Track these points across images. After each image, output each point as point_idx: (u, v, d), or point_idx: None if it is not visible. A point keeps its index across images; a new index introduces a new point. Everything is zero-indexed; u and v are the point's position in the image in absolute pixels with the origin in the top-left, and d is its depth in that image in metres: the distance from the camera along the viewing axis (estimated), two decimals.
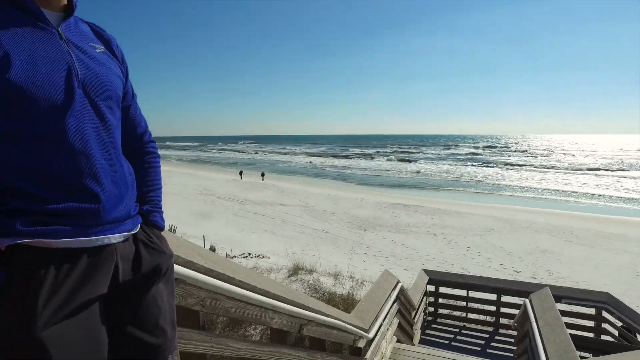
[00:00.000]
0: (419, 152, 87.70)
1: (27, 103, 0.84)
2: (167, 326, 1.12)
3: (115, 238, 1.00)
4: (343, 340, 3.27)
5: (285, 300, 2.21)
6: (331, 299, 6.58)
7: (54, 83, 0.88)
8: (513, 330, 7.42)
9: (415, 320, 6.90)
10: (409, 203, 25.61)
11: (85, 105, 0.95)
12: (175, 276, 1.44)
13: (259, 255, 11.50)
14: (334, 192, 30.32)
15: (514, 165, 63.68)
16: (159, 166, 1.32)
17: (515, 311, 7.51)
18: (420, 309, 7.65)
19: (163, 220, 1.25)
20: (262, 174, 38.40)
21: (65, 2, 0.99)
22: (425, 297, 8.25)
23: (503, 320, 8.13)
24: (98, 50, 1.05)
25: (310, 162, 60.47)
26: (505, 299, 7.98)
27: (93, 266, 0.94)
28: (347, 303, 6.41)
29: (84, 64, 0.97)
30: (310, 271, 8.83)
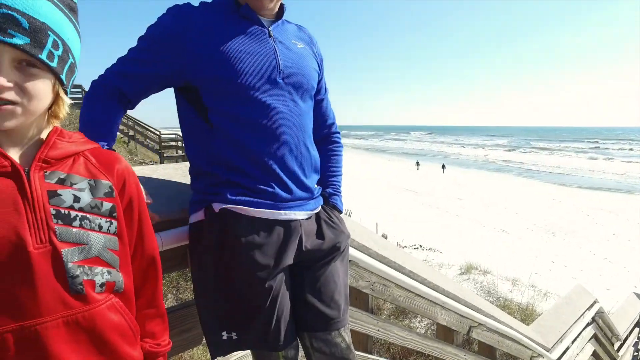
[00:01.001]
0: (619, 149, 67.60)
1: (245, 90, 1.06)
2: (341, 301, 1.22)
3: (300, 215, 1.15)
4: (518, 353, 2.93)
5: (455, 297, 2.12)
6: (506, 305, 5.96)
7: (262, 72, 1.09)
8: None
9: (620, 354, 5.62)
10: (615, 209, 20.74)
11: (283, 92, 1.12)
12: (349, 258, 1.56)
13: (430, 249, 11.25)
14: (516, 189, 27.01)
15: None
16: (341, 154, 1.46)
17: None
18: (628, 342, 6.19)
19: (342, 204, 1.37)
20: (443, 167, 36.08)
21: (276, 10, 1.19)
22: (637, 329, 6.61)
23: None
24: (299, 46, 1.22)
25: (486, 156, 54.60)
26: None
27: (284, 237, 1.11)
28: (525, 314, 5.70)
29: (286, 58, 1.15)
30: (485, 272, 8.17)
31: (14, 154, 0.67)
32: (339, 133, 1.47)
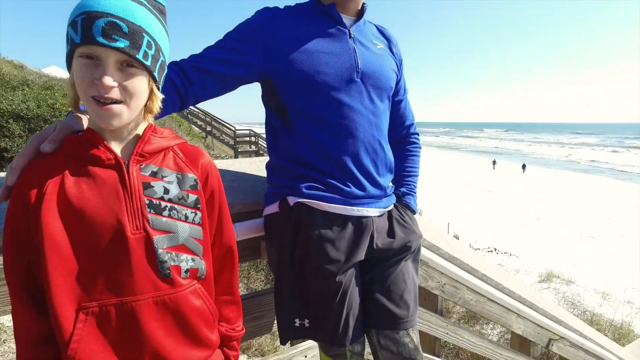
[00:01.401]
0: None
1: (324, 89, 1.09)
2: (411, 301, 1.20)
3: (372, 212, 1.15)
4: None
5: (532, 306, 1.98)
6: (595, 321, 5.40)
7: (340, 72, 1.11)
8: None
9: None
10: None
11: (360, 91, 1.13)
12: (419, 258, 1.52)
13: (505, 252, 10.56)
14: (608, 192, 24.25)
15: None
16: (419, 155, 1.44)
17: None
18: None
19: (416, 204, 1.35)
20: (524, 166, 33.40)
21: (359, 8, 1.20)
22: None
23: None
24: (378, 47, 1.23)
25: (569, 156, 49.15)
26: None
27: (356, 233, 1.11)
28: (619, 333, 5.12)
29: (365, 58, 1.16)
30: (568, 282, 7.47)
31: (116, 148, 0.75)
32: (417, 134, 1.45)
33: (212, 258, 0.87)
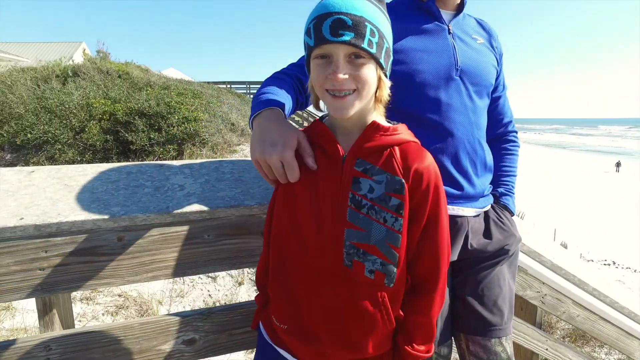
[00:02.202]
0: None
1: (423, 88, 1.06)
2: (505, 308, 1.14)
3: (468, 211, 1.11)
4: None
5: None
6: None
7: (439, 70, 1.08)
8: None
9: None
10: None
11: (459, 89, 1.09)
12: (517, 264, 1.41)
13: (628, 268, 9.20)
14: None
15: None
16: (517, 154, 1.35)
17: None
18: None
19: (514, 205, 1.27)
20: (618, 164, 28.87)
21: (458, 2, 1.16)
22: None
23: None
24: (478, 42, 1.18)
25: None
26: None
27: (451, 233, 1.07)
28: None
29: (464, 54, 1.12)
30: None
31: (342, 140, 0.82)
32: (516, 132, 1.37)
33: (409, 271, 0.84)
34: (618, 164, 30.77)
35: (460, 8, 1.17)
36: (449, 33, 1.13)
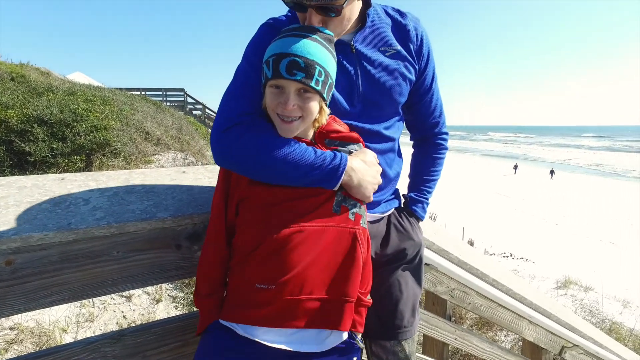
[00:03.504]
0: None
1: (333, 112, 1.03)
2: (407, 312, 1.16)
3: (369, 217, 1.11)
4: None
5: (545, 312, 1.96)
6: (614, 329, 5.27)
7: (342, 96, 1.05)
8: None
9: None
10: None
11: (363, 113, 1.08)
12: (427, 262, 1.52)
13: (521, 258, 10.39)
14: (633, 198, 23.55)
15: None
16: (443, 158, 1.33)
17: None
18: None
19: (424, 212, 1.29)
20: (552, 172, 32.07)
21: (355, 17, 1.03)
22: None
23: None
24: (388, 54, 1.09)
25: (599, 164, 47.07)
26: None
27: None
28: None
29: (367, 77, 1.06)
30: (587, 289, 7.30)
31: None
32: (445, 134, 1.33)
33: None
34: (515, 167, 34.68)
35: (364, 20, 1.07)
36: (352, 52, 1.05)
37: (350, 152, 0.99)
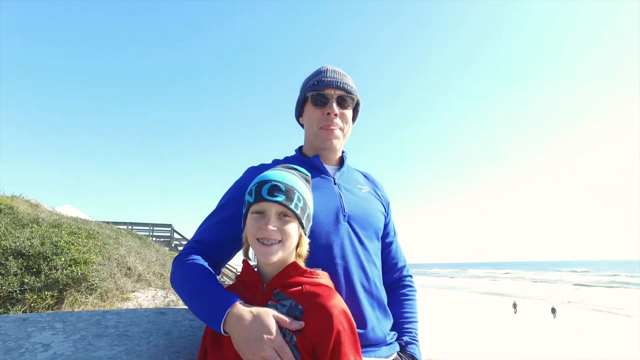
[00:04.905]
0: None
1: (316, 230, 1.10)
2: None
3: None
4: None
5: None
6: None
7: (328, 216, 1.14)
8: None
9: None
10: None
11: (349, 233, 1.15)
12: None
13: None
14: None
15: None
16: (416, 299, 1.39)
17: None
18: None
19: (420, 354, 1.26)
20: (553, 310, 28.55)
21: (338, 158, 1.33)
22: None
23: None
24: (364, 191, 1.31)
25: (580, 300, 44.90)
26: None
27: None
28: None
29: (350, 201, 1.22)
30: None
31: (265, 274, 0.97)
32: (411, 276, 1.43)
33: None
34: (514, 305, 31.63)
35: (341, 162, 1.33)
36: (335, 184, 1.23)
37: (289, 307, 0.91)
